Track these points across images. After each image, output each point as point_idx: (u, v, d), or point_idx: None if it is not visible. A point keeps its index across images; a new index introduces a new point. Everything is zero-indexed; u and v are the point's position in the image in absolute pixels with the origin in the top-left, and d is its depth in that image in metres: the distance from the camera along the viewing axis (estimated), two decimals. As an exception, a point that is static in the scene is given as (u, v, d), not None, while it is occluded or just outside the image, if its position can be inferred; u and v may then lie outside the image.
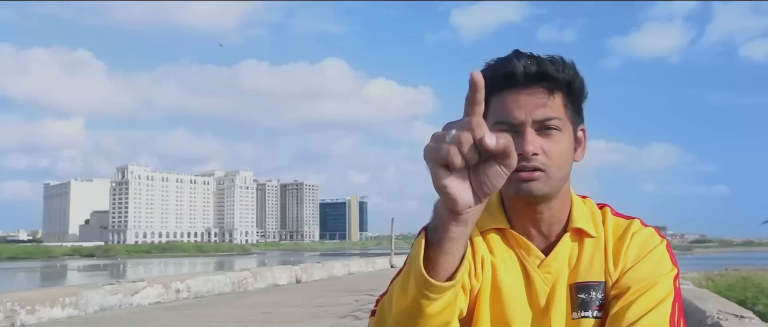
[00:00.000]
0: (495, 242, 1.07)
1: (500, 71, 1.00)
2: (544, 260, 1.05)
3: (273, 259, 74.40)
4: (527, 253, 1.06)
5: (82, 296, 7.92)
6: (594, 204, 1.11)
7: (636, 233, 1.05)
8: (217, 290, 10.67)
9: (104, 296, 8.27)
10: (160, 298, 9.23)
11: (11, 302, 6.96)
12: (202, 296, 10.12)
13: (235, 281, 11.36)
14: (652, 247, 1.03)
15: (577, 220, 1.06)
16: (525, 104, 0.99)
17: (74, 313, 7.70)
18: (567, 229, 1.06)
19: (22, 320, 6.97)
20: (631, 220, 1.08)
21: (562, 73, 1.00)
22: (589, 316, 1.02)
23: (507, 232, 1.07)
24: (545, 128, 0.99)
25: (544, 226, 1.06)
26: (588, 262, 1.05)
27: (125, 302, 8.57)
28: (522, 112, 0.98)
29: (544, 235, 1.06)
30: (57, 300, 7.57)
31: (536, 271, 1.05)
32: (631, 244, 1.04)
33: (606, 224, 1.08)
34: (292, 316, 7.70)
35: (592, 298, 1.02)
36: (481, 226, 1.07)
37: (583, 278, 1.04)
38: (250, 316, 7.77)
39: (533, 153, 0.98)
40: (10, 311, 6.90)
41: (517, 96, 0.99)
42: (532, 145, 0.98)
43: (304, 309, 8.40)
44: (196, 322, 7.36)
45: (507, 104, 1.00)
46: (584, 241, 1.06)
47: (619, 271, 1.03)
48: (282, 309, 8.48)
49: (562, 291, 1.04)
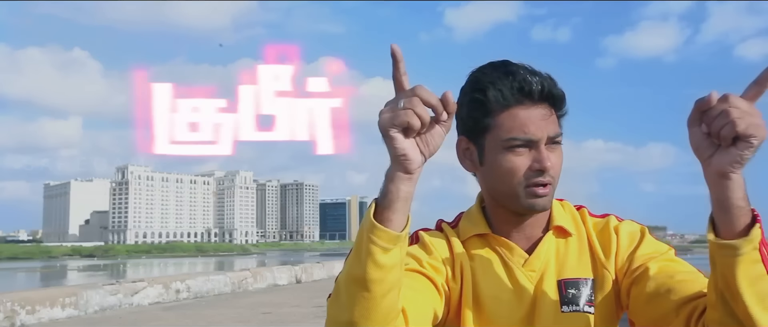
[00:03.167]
0: (476, 249, 1.10)
1: (513, 85, 1.02)
2: (527, 259, 1.08)
3: (273, 259, 74.50)
4: (511, 253, 1.09)
5: (82, 296, 7.92)
6: (571, 205, 1.15)
7: (618, 226, 1.09)
8: (217, 290, 10.66)
9: (104, 296, 8.26)
10: (160, 299, 9.22)
11: (11, 302, 6.95)
12: (202, 296, 10.11)
13: (235, 281, 11.36)
14: (641, 234, 1.08)
15: (557, 219, 1.10)
16: (538, 121, 1.02)
17: (74, 313, 7.69)
18: (548, 229, 1.10)
19: (22, 320, 6.96)
20: (608, 217, 1.12)
21: (561, 91, 1.05)
22: (580, 310, 1.04)
23: (489, 236, 1.10)
24: (553, 143, 1.04)
25: (525, 227, 1.09)
26: (575, 258, 1.08)
27: (125, 302, 8.56)
28: (539, 129, 1.02)
29: (526, 236, 1.10)
30: (57, 300, 7.56)
31: (520, 269, 1.08)
32: (620, 235, 1.08)
33: (586, 223, 1.12)
34: (292, 316, 7.69)
35: (581, 293, 1.05)
36: (463, 234, 1.11)
37: (572, 274, 1.07)
38: (250, 316, 7.76)
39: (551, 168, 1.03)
40: (10, 311, 6.89)
41: (529, 113, 1.02)
42: (550, 161, 1.02)
43: (304, 309, 8.39)
44: (195, 323, 7.36)
45: (524, 122, 1.02)
46: (567, 239, 1.10)
47: (616, 261, 1.06)
48: (282, 309, 8.47)
49: (550, 287, 1.06)
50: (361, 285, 0.83)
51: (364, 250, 0.83)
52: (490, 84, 1.02)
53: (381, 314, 0.84)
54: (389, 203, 0.83)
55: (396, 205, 0.83)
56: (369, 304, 0.83)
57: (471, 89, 1.05)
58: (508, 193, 1.04)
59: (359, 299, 0.83)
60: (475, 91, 1.04)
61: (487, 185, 1.09)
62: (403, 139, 0.81)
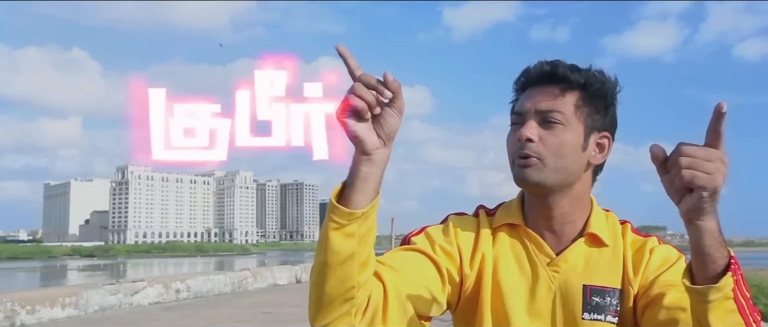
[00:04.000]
0: (503, 238, 1.11)
1: (522, 75, 1.12)
2: (553, 259, 1.08)
3: (273, 259, 74.36)
4: (539, 249, 1.09)
5: (82, 296, 7.95)
6: (616, 218, 1.15)
7: (655, 248, 1.09)
8: (217, 290, 10.69)
9: (104, 296, 8.29)
10: (160, 298, 9.25)
11: (11, 302, 6.99)
12: (202, 296, 10.14)
13: (235, 281, 11.38)
14: (674, 260, 1.07)
15: (593, 227, 1.09)
16: (533, 97, 1.08)
17: (74, 313, 7.72)
18: (582, 234, 1.10)
19: (22, 320, 6.99)
20: (650, 237, 1.12)
21: (576, 74, 1.07)
22: (603, 320, 1.04)
23: (520, 228, 1.11)
24: (547, 121, 1.05)
25: (556, 225, 1.09)
26: (606, 268, 1.07)
27: (125, 302, 8.59)
28: (529, 103, 1.07)
29: (556, 235, 1.10)
30: (57, 300, 7.59)
31: (545, 268, 1.08)
32: (653, 256, 1.08)
33: (625, 238, 1.11)
34: (292, 316, 7.71)
35: (607, 302, 1.05)
36: (497, 221, 1.13)
37: (600, 282, 1.06)
38: (250, 316, 7.79)
39: (528, 138, 1.04)
40: (10, 311, 6.92)
41: (530, 92, 1.09)
42: (528, 131, 1.05)
43: (304, 309, 8.32)
44: (195, 322, 7.39)
45: (521, 100, 1.10)
46: (601, 248, 1.09)
47: (641, 279, 1.06)
48: (282, 309, 8.50)
49: (573, 291, 1.06)
50: (319, 254, 0.92)
51: (323, 225, 0.92)
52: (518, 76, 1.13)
53: (336, 280, 0.91)
54: (350, 182, 0.90)
55: (356, 184, 0.90)
56: (325, 271, 0.91)
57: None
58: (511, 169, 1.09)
59: (319, 266, 0.92)
60: (513, 85, 1.13)
61: None
62: (354, 123, 0.88)
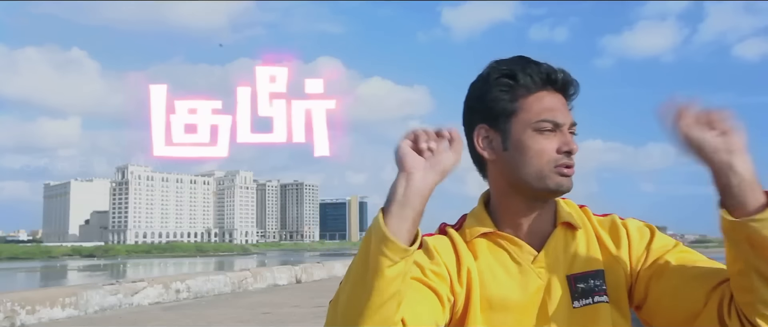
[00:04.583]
0: (482, 249, 1.11)
1: (541, 71, 1.09)
2: (536, 256, 1.09)
3: (273, 259, 74.47)
4: (520, 250, 1.09)
5: (82, 296, 7.94)
6: (575, 204, 1.17)
7: (626, 222, 1.13)
8: (217, 290, 10.68)
9: (104, 296, 8.28)
10: (160, 298, 9.24)
11: (11, 302, 6.97)
12: (202, 296, 10.13)
13: (235, 281, 11.38)
14: (651, 229, 1.11)
15: (563, 215, 1.12)
16: (563, 107, 1.09)
17: (74, 313, 7.71)
18: (555, 225, 1.11)
19: (22, 320, 6.98)
20: (612, 214, 1.16)
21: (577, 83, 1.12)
22: (591, 302, 1.06)
23: (495, 234, 1.11)
24: (571, 132, 1.09)
25: (534, 224, 1.10)
26: (584, 253, 1.09)
27: (125, 302, 8.58)
28: (566, 115, 1.09)
29: (532, 232, 1.11)
30: (57, 300, 7.58)
31: (530, 266, 1.08)
32: (629, 229, 1.11)
33: (590, 220, 1.14)
34: (292, 316, 7.71)
35: (591, 285, 1.06)
36: (469, 235, 1.12)
37: (581, 269, 1.08)
38: (250, 317, 7.78)
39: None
40: (10, 311, 6.91)
41: (554, 98, 1.09)
42: (575, 145, 1.08)
43: (304, 309, 8.40)
44: (195, 323, 7.37)
45: (551, 106, 1.08)
46: (575, 234, 1.11)
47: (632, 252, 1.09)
48: (282, 309, 8.49)
49: (560, 283, 1.07)
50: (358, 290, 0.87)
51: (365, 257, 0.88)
52: (520, 70, 1.08)
53: (374, 322, 0.87)
54: (386, 207, 0.90)
55: (392, 209, 0.89)
56: (365, 312, 0.87)
57: (498, 75, 1.09)
58: (535, 175, 1.05)
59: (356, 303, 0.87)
60: (503, 77, 1.08)
61: (510, 170, 1.08)
62: (406, 145, 0.92)
